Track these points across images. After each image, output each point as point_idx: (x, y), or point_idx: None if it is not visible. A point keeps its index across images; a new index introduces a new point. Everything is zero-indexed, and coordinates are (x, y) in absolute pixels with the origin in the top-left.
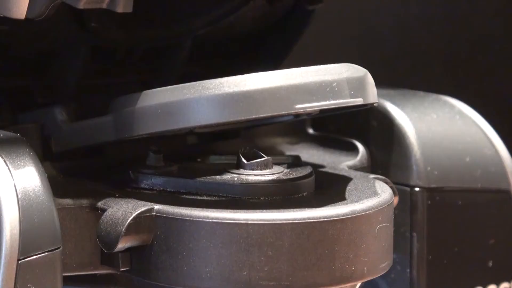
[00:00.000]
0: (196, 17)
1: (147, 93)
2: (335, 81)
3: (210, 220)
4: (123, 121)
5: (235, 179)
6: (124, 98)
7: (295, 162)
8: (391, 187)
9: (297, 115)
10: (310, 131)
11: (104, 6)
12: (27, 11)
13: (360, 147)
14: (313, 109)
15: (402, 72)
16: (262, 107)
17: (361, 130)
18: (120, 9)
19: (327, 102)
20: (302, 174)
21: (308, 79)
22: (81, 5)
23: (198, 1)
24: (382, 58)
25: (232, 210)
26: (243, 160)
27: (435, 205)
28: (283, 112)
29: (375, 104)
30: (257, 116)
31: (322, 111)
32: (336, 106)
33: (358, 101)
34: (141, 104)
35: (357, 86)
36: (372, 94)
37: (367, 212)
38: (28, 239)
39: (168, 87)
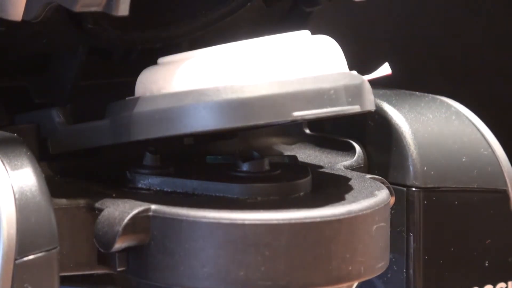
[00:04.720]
0: (194, 19)
1: (145, 98)
2: (333, 88)
3: (207, 220)
4: (121, 126)
5: (232, 179)
6: (121, 102)
7: (292, 162)
8: (387, 187)
9: (293, 120)
10: (307, 131)
11: (100, 9)
12: (23, 13)
13: (357, 147)
14: (310, 116)
15: (399, 72)
16: (259, 114)
17: (357, 130)
18: (116, 12)
19: (325, 110)
20: (298, 174)
21: (306, 87)
22: (77, 8)
23: (196, 2)
24: (378, 58)
25: (229, 210)
26: (240, 160)
27: (432, 205)
28: (281, 120)
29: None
30: (254, 123)
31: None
32: (334, 113)
33: (355, 108)
34: (138, 110)
35: (354, 93)
36: (369, 101)
37: (364, 212)
38: (25, 239)
39: (166, 93)
